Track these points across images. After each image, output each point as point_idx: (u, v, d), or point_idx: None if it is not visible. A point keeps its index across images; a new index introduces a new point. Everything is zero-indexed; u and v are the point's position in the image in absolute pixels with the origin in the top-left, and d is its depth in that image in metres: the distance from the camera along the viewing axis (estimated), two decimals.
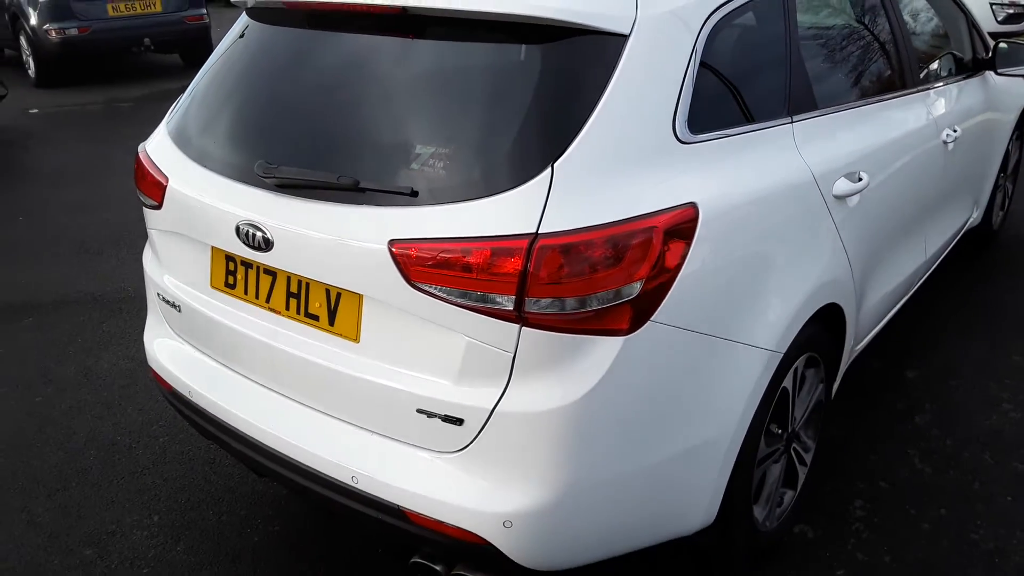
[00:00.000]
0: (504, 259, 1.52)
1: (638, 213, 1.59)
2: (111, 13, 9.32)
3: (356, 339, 1.77)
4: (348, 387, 1.79)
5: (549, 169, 1.56)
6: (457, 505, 1.66)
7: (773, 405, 2.02)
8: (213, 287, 2.04)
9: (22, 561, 2.37)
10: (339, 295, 1.77)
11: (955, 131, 2.94)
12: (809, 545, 2.32)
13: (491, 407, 1.60)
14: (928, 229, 2.98)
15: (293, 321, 1.87)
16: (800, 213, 2.01)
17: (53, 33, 9.08)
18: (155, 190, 2.10)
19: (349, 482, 1.78)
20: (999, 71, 3.45)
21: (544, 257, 1.51)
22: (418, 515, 1.71)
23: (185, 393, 2.14)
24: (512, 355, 1.58)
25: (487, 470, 1.65)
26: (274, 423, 1.93)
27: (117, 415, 3.06)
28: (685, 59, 1.78)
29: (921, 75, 2.91)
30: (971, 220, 3.73)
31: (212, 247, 1.99)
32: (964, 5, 3.47)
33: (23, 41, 9.57)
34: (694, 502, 1.86)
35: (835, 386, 2.51)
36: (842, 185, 2.14)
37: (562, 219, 1.53)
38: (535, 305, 1.53)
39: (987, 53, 3.45)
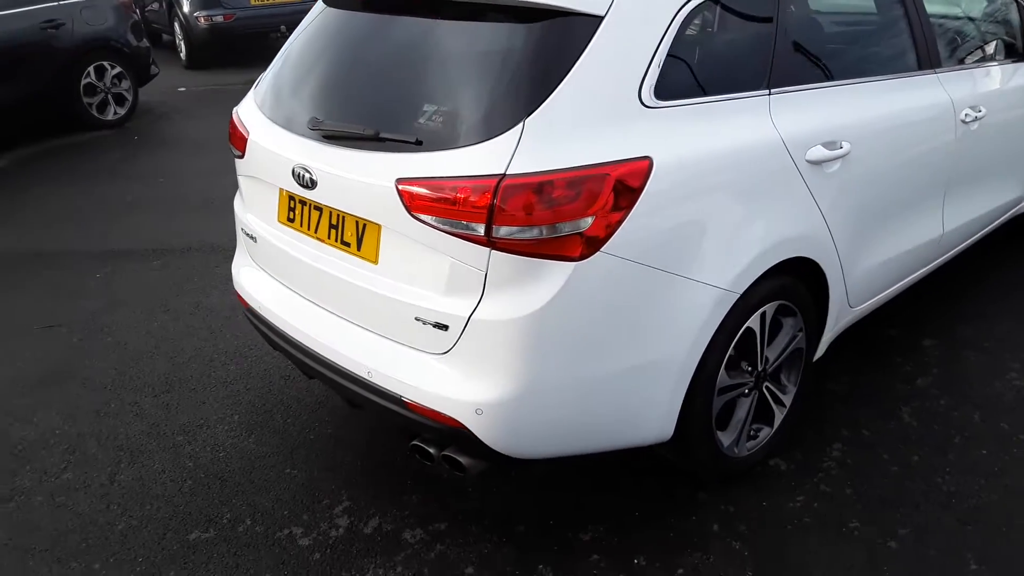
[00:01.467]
0: (477, 194, 1.91)
1: (594, 161, 1.94)
2: (253, 2, 10.25)
3: (376, 261, 2.20)
4: (369, 300, 2.23)
5: (521, 124, 1.94)
6: (442, 395, 2.07)
7: (735, 342, 2.32)
8: (279, 221, 2.53)
9: (129, 442, 2.96)
10: (365, 225, 2.21)
11: (979, 112, 3.07)
12: (779, 475, 2.60)
13: (468, 315, 2.00)
14: (948, 204, 3.12)
15: (333, 247, 2.32)
16: (765, 173, 2.29)
17: (202, 20, 10.10)
18: (240, 143, 2.61)
19: (366, 376, 2.23)
20: None
21: (508, 193, 1.89)
22: (414, 403, 2.13)
23: (257, 308, 2.65)
24: (484, 273, 1.97)
25: (465, 367, 2.05)
26: (316, 330, 2.40)
27: (218, 339, 3.65)
28: (658, 36, 2.11)
29: (944, 57, 3.07)
30: (1021, 205, 3.79)
31: (279, 188, 2.48)
32: None
33: (176, 27, 10.66)
34: (648, 415, 2.20)
35: (824, 340, 2.74)
36: (817, 152, 2.39)
37: (527, 163, 1.91)
38: (501, 232, 1.91)
39: None
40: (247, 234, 2.72)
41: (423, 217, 2.00)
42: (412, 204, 2.01)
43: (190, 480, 2.75)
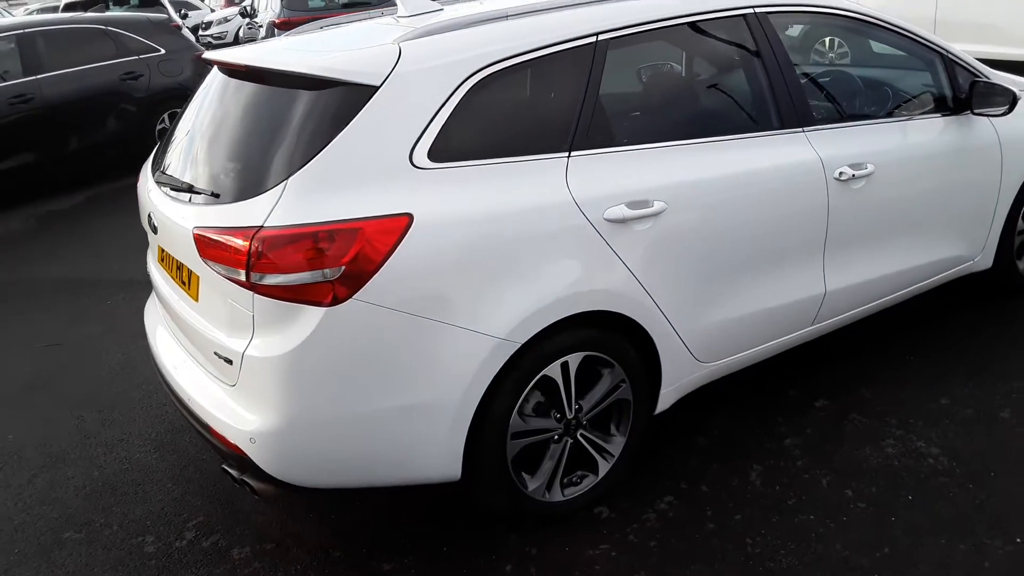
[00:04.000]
0: (239, 244, 2.15)
1: (348, 217, 2.15)
2: None
3: (197, 300, 2.48)
4: (193, 335, 2.51)
5: (285, 182, 2.17)
6: (229, 424, 2.31)
7: (530, 388, 2.44)
8: (156, 262, 2.86)
9: (59, 450, 3.35)
10: (188, 267, 2.49)
11: (864, 169, 3.04)
12: (597, 522, 2.66)
13: (243, 352, 2.24)
14: (832, 263, 3.08)
15: (178, 286, 2.62)
16: (552, 231, 2.40)
17: None
18: (135, 193, 2.98)
19: (189, 405, 2.50)
20: (975, 111, 3.42)
21: (263, 243, 2.12)
22: (214, 431, 2.38)
23: (149, 338, 2.98)
24: (252, 314, 2.21)
25: (245, 400, 2.29)
26: (169, 361, 2.70)
27: None
28: (438, 103, 2.30)
29: (825, 114, 3.08)
30: (965, 263, 3.65)
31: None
32: (940, 45, 3.47)
33: None
34: (427, 453, 2.35)
35: (666, 393, 2.78)
36: (618, 211, 2.48)
37: (284, 217, 2.14)
38: (259, 278, 2.14)
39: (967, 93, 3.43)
40: (148, 275, 3.07)
41: (208, 262, 2.27)
42: (201, 250, 2.27)
43: (88, 487, 3.09)
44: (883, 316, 3.68)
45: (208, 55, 2.79)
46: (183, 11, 16.82)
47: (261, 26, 13.71)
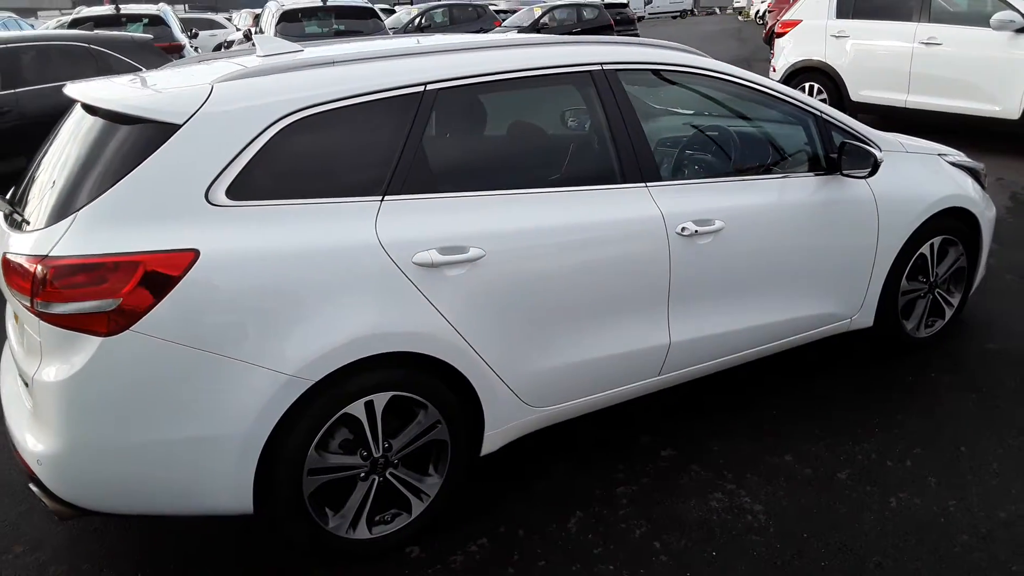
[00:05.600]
0: (26, 271, 2.24)
1: (130, 250, 2.23)
2: None
3: (16, 322, 2.56)
4: (16, 358, 2.59)
5: (75, 214, 2.26)
6: (22, 445, 2.39)
7: (328, 426, 2.49)
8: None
9: None
10: None
11: (710, 226, 3.07)
12: (401, 562, 2.68)
13: (32, 376, 2.31)
14: (678, 315, 3.10)
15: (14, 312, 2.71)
16: (354, 272, 2.45)
17: None
18: None
19: (6, 423, 2.58)
20: (843, 172, 3.44)
21: (47, 272, 2.20)
22: (15, 450, 2.45)
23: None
24: (39, 340, 2.28)
25: (37, 422, 2.36)
26: (5, 381, 2.78)
27: None
28: (242, 144, 2.38)
29: (673, 169, 3.13)
30: (840, 320, 3.66)
31: None
32: (812, 106, 3.51)
33: None
34: (215, 486, 2.39)
35: (490, 436, 2.81)
36: (429, 256, 2.54)
37: (69, 248, 2.22)
38: (41, 306, 2.22)
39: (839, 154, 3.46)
40: None
41: (9, 289, 2.35)
42: (5, 276, 2.36)
43: None
44: (759, 367, 3.71)
45: (67, 87, 2.89)
46: (193, 30, 17.18)
47: None
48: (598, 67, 3.02)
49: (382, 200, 2.55)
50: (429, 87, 2.69)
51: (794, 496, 2.94)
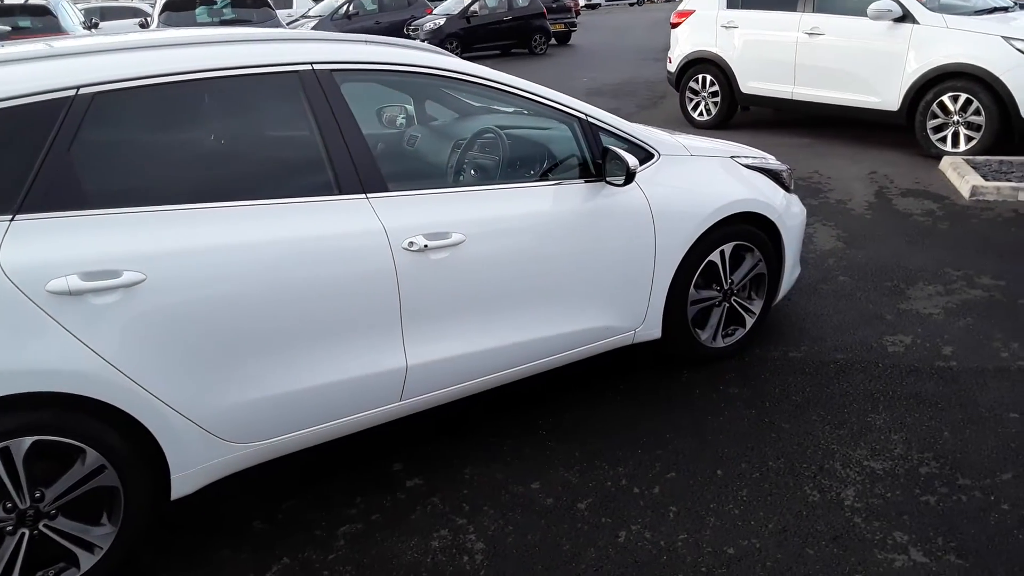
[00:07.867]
0: None
1: None
2: None
3: None
4: None
5: None
6: None
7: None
8: None
9: None
10: None
11: (445, 240, 2.83)
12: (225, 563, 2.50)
13: None
14: (414, 337, 2.86)
15: None
16: None
17: None
18: None
19: None
20: (607, 179, 3.23)
21: None
22: None
23: None
24: None
25: None
26: None
27: None
28: None
29: (404, 179, 2.88)
30: (622, 333, 3.45)
31: None
32: (579, 109, 3.27)
33: None
34: None
35: (178, 476, 2.54)
36: (62, 283, 2.25)
37: None
38: None
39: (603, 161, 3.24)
40: None
41: None
42: None
43: None
44: (544, 383, 3.51)
45: None
46: (93, 19, 16.51)
47: None
48: (307, 67, 2.75)
49: (12, 220, 2.26)
50: (83, 90, 2.39)
51: (523, 531, 2.72)
